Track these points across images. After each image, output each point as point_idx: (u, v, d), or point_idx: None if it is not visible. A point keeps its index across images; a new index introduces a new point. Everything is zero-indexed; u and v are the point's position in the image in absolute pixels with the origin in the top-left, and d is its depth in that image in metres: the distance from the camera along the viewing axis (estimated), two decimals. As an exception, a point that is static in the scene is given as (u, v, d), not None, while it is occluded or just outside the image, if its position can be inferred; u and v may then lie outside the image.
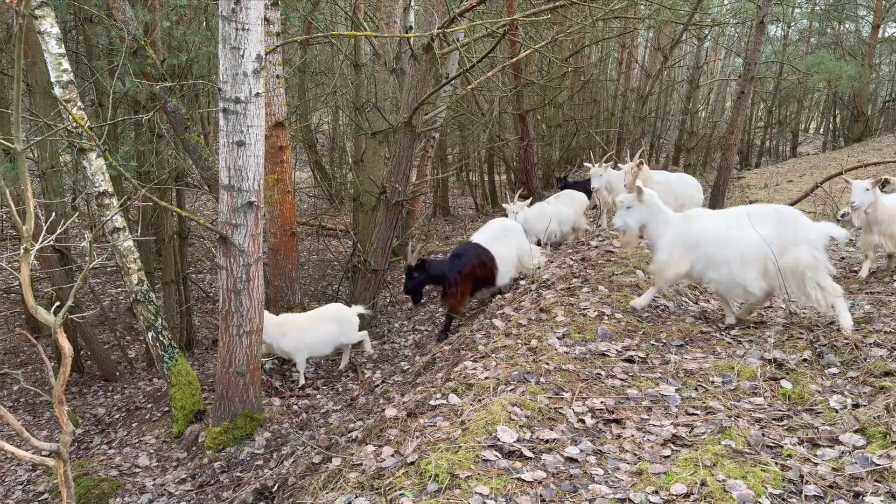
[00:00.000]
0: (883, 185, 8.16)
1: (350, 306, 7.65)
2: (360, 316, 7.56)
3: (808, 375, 4.16)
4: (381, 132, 10.15)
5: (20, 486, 6.41)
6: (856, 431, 3.38)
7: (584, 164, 8.59)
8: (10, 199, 2.36)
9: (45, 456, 2.82)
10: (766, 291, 5.20)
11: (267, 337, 6.92)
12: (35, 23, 5.45)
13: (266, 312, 7.41)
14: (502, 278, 7.37)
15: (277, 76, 7.28)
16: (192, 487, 5.67)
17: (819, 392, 3.93)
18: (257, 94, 5.15)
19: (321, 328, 7.14)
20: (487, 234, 7.50)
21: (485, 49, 9.09)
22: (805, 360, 4.39)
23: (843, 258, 7.68)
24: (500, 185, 20.60)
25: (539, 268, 7.57)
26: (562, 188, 11.31)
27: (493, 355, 4.91)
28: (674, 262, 5.39)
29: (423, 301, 9.61)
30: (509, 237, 7.58)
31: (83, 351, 9.84)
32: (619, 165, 8.88)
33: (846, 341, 4.50)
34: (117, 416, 7.89)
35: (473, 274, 7.07)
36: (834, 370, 4.23)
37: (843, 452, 3.22)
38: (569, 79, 16.43)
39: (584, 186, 10.66)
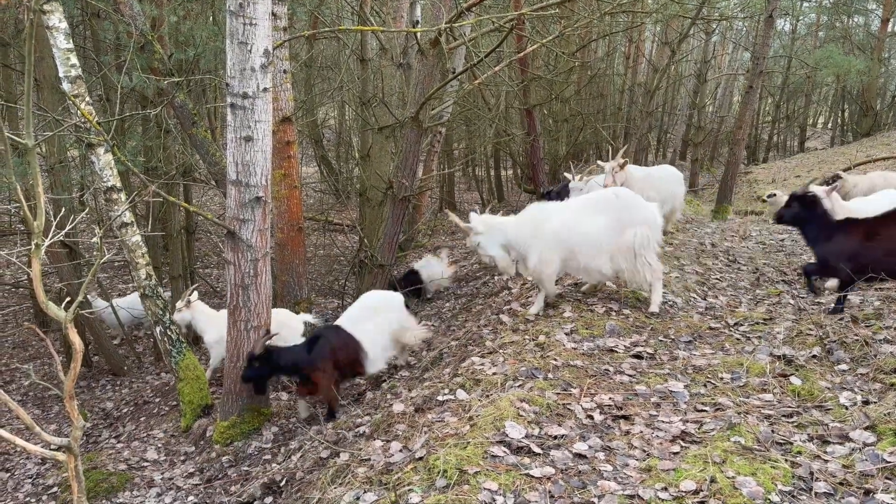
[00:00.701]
0: (833, 180, 8.11)
1: (299, 313, 7.31)
2: (307, 324, 7.11)
3: (817, 372, 4.14)
4: (387, 127, 10.14)
5: (29, 480, 6.45)
6: (866, 428, 3.37)
7: (598, 162, 8.19)
8: (21, 195, 2.37)
9: (55, 451, 2.83)
10: (615, 272, 5.58)
11: (198, 323, 7.17)
12: (43, 18, 5.46)
13: (203, 305, 7.41)
14: (374, 364, 6.12)
15: (284, 71, 7.27)
16: (200, 481, 5.70)
17: (829, 389, 3.91)
18: (265, 89, 5.14)
19: None
20: (352, 315, 6.22)
21: (492, 44, 9.06)
22: (815, 356, 4.38)
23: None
24: (506, 180, 20.56)
25: (423, 341, 6.74)
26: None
27: (501, 351, 4.91)
28: (545, 263, 5.57)
29: (428, 298, 9.62)
30: (381, 314, 6.25)
31: (91, 345, 9.87)
32: (599, 163, 8.20)
33: (856, 337, 4.47)
34: (125, 411, 7.93)
35: (334, 360, 5.84)
36: (844, 367, 4.21)
37: (853, 449, 3.21)
38: (576, 73, 16.36)
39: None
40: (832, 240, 5.10)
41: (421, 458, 3.36)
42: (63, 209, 4.52)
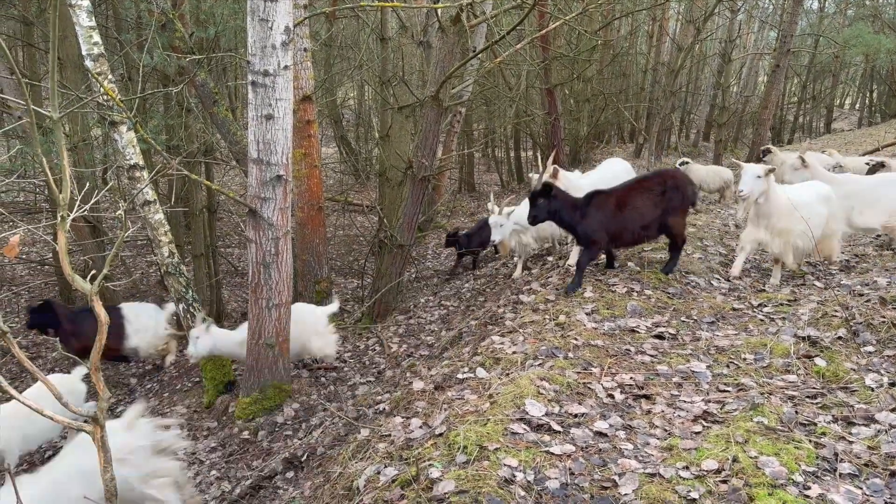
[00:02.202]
0: (764, 154, 7.80)
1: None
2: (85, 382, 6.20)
3: (843, 353, 4.08)
4: (407, 107, 10.09)
5: (53, 453, 6.59)
6: (892, 410, 3.32)
7: (532, 175, 7.78)
8: (47, 168, 2.39)
9: (82, 422, 2.88)
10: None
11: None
12: (66, -5, 5.48)
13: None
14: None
15: (305, 49, 7.25)
16: (222, 456, 5.78)
17: (854, 370, 3.86)
18: (286, 67, 5.13)
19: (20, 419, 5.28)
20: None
21: (513, 21, 8.95)
22: (840, 337, 4.31)
23: (877, 236, 7.50)
24: (526, 162, 20.44)
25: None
26: (448, 244, 10.14)
27: (521, 330, 4.90)
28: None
29: (459, 272, 9.72)
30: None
31: (116, 322, 10.03)
32: (533, 175, 7.29)
33: (883, 319, 4.40)
34: (149, 387, 8.05)
35: None
36: (870, 348, 4.15)
37: (878, 431, 3.16)
38: (598, 52, 16.16)
39: (480, 239, 9.47)
40: (587, 215, 5.15)
41: (441, 435, 3.37)
42: (87, 184, 4.56)
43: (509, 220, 6.87)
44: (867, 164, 8.54)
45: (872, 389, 3.60)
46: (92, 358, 2.57)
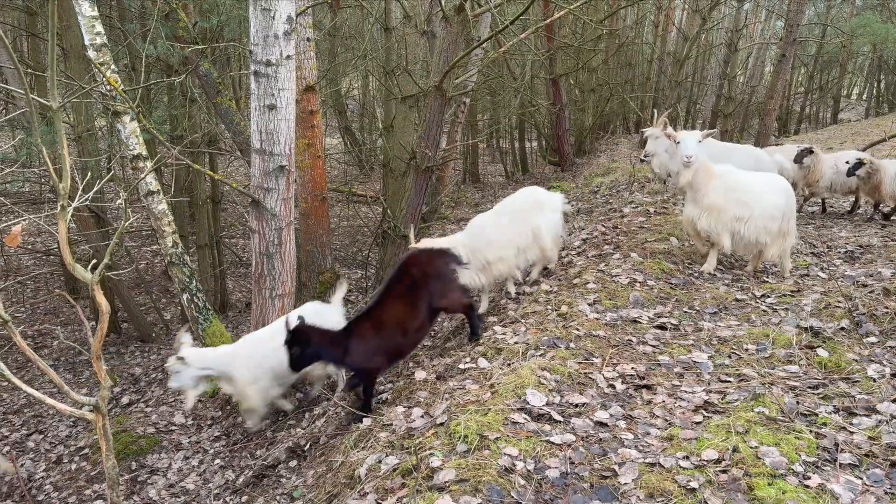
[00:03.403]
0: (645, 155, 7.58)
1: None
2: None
3: (845, 344, 4.08)
4: (411, 97, 10.06)
5: (61, 442, 6.65)
6: (893, 401, 3.31)
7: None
8: (48, 158, 2.39)
9: (84, 410, 2.90)
10: None
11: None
12: (68, -15, 5.48)
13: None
14: None
15: (308, 39, 7.23)
16: (226, 445, 5.82)
17: (856, 361, 3.85)
18: (288, 57, 5.12)
19: None
20: None
21: (517, 10, 8.90)
22: (842, 328, 4.30)
23: (883, 227, 7.47)
24: (530, 153, 20.38)
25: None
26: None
27: (523, 321, 4.90)
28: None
29: None
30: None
31: (120, 312, 10.08)
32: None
33: (886, 310, 4.39)
34: (154, 376, 8.11)
35: None
36: (872, 339, 4.14)
37: (880, 421, 3.16)
38: (603, 42, 16.06)
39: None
40: (351, 350, 4.48)
41: (442, 424, 3.38)
42: (90, 174, 4.56)
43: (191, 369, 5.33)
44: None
45: (874, 380, 3.60)
46: (93, 347, 2.58)
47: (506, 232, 5.51)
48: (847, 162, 7.75)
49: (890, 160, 7.94)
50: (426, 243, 5.47)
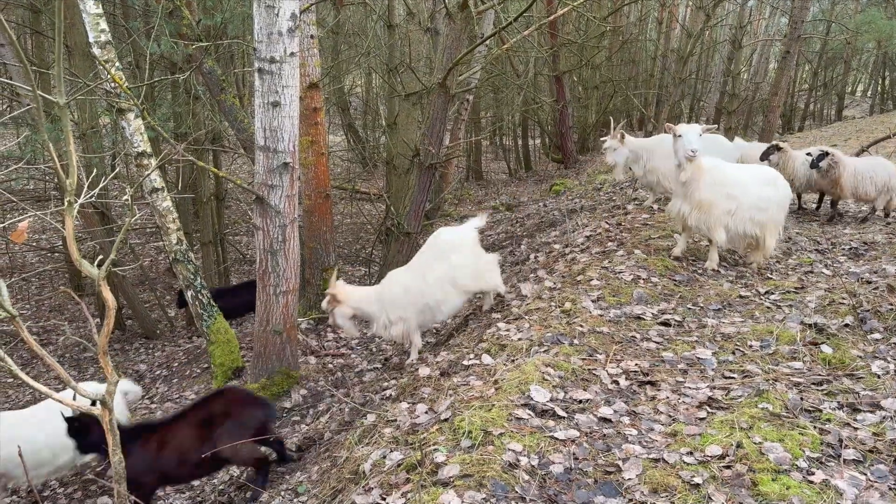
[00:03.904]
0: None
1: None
2: None
3: (849, 341, 4.08)
4: (414, 94, 10.06)
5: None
6: (898, 397, 3.32)
7: None
8: (54, 154, 2.40)
9: (91, 405, 2.91)
10: None
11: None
12: (73, -17, 5.49)
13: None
14: None
15: (311, 36, 7.23)
16: (230, 441, 5.82)
17: (861, 357, 3.85)
18: (292, 54, 5.12)
19: None
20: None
21: (521, 7, 8.90)
22: (847, 325, 4.30)
23: (889, 223, 7.45)
24: (534, 150, 20.37)
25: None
26: None
27: (527, 317, 4.91)
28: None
29: None
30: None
31: (125, 309, 10.12)
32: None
33: (890, 307, 4.38)
34: (158, 373, 8.13)
35: None
36: (877, 336, 4.14)
37: (884, 417, 3.16)
38: (607, 39, 16.05)
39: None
40: (130, 454, 3.81)
41: (446, 420, 3.39)
42: (94, 171, 4.58)
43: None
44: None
45: (879, 376, 3.60)
46: (100, 342, 2.60)
47: (417, 287, 5.30)
48: (809, 154, 7.54)
49: (852, 157, 7.86)
50: (341, 287, 5.38)
